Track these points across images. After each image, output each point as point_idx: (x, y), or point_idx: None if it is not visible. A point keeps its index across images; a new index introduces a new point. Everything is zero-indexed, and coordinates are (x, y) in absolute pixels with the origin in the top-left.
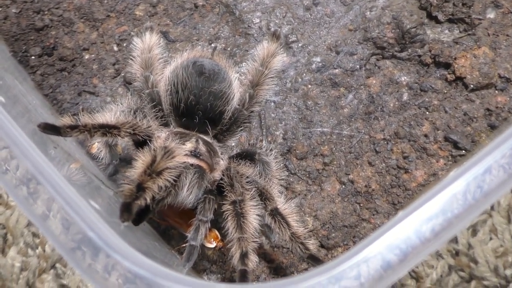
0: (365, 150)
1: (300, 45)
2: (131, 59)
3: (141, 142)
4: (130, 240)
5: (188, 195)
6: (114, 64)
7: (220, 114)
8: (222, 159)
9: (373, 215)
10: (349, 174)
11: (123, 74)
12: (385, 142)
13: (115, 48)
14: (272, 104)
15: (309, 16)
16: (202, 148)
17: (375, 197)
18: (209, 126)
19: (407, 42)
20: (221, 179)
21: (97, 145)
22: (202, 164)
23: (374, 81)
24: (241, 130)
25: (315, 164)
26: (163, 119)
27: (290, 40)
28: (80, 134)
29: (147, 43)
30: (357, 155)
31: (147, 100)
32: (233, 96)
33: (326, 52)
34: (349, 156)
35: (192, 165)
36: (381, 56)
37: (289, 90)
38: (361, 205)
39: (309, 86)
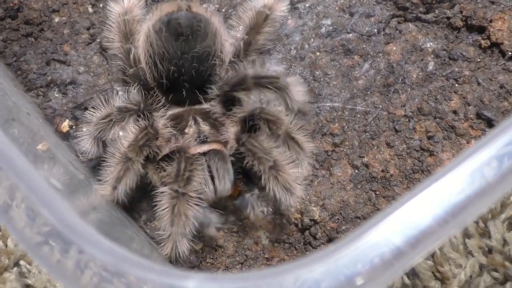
0: (382, 129)
1: (307, 5)
2: (107, 27)
3: None
4: (107, 232)
5: (222, 186)
6: (88, 29)
7: (212, 76)
8: (231, 125)
9: (391, 204)
10: (364, 157)
11: (99, 40)
12: (407, 120)
13: (90, 10)
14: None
15: None
16: (205, 127)
17: (393, 184)
18: (200, 95)
19: (434, 2)
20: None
21: (68, 123)
22: (215, 146)
23: (394, 48)
24: None
25: (323, 145)
26: (158, 99)
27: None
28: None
29: (125, 5)
30: (373, 135)
31: (133, 81)
32: (221, 51)
33: (338, 14)
34: (363, 136)
35: (203, 153)
36: (403, 19)
37: (293, 58)
38: (377, 193)
39: (318, 53)
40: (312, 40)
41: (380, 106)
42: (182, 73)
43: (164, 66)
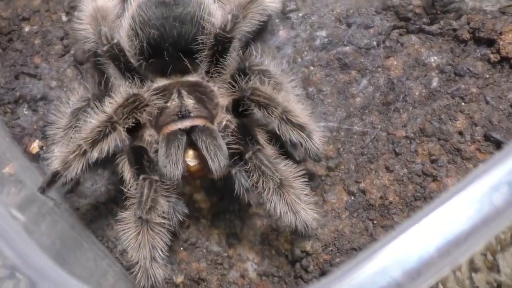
0: (381, 152)
1: (300, 14)
2: (78, 21)
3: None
4: (76, 264)
5: (216, 164)
6: (61, 39)
7: (195, 41)
8: (221, 96)
9: None
10: (360, 182)
11: (73, 52)
12: (408, 141)
13: (64, 18)
14: None
15: None
16: (188, 100)
17: (393, 212)
18: (186, 60)
19: (439, 12)
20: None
21: (38, 144)
22: (198, 121)
23: (395, 62)
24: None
25: (316, 169)
26: (135, 76)
27: (287, 8)
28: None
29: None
30: (371, 158)
31: (109, 61)
32: (207, 16)
33: (334, 24)
34: (360, 159)
35: (185, 130)
36: (405, 30)
37: (285, 72)
38: (375, 222)
39: (312, 68)
40: (305, 53)
41: (379, 126)
42: (163, 35)
43: (144, 32)
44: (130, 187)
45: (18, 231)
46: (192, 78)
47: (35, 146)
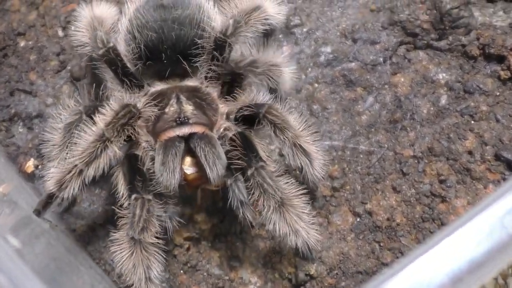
0: (388, 171)
1: (304, 30)
2: (74, 29)
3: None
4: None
5: (215, 173)
6: (58, 54)
7: (194, 45)
8: (221, 106)
9: (397, 258)
10: (366, 203)
11: (69, 68)
12: (416, 161)
13: (60, 33)
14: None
15: None
16: (187, 106)
17: (400, 234)
18: (184, 63)
19: (447, 28)
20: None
21: (33, 163)
22: (196, 128)
23: (402, 79)
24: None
25: (321, 189)
26: (132, 81)
27: (291, 23)
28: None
29: (93, 5)
30: (378, 178)
31: (105, 66)
32: (207, 19)
33: (340, 40)
34: (366, 179)
35: (184, 137)
36: (412, 46)
37: (289, 89)
38: (382, 244)
39: (316, 85)
40: (309, 69)
41: (386, 145)
42: (161, 37)
43: (142, 35)
44: (124, 201)
45: (11, 254)
46: (191, 82)
47: (30, 165)
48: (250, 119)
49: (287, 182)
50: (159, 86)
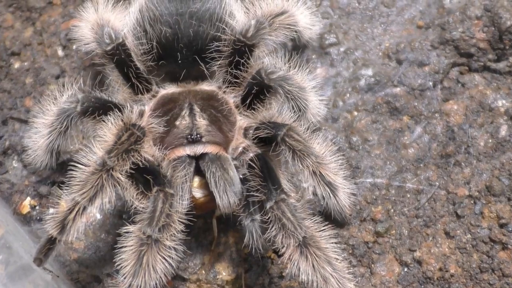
0: (440, 214)
1: (341, 49)
2: (77, 26)
3: None
4: None
5: (225, 202)
6: (57, 77)
7: (213, 43)
8: (239, 118)
9: None
10: (415, 251)
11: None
12: (472, 202)
13: (60, 53)
14: None
15: (357, 5)
16: (201, 121)
17: (455, 287)
18: (202, 64)
19: (507, 47)
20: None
21: (29, 202)
22: (210, 148)
23: (455, 107)
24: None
25: (362, 234)
26: (141, 82)
27: (326, 42)
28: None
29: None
30: (428, 221)
31: (111, 64)
32: (229, 16)
33: (382, 61)
34: (415, 223)
35: (195, 157)
36: (466, 68)
37: (323, 118)
38: None
39: (355, 113)
40: (348, 95)
41: (437, 183)
42: (177, 33)
43: (155, 29)
44: (136, 202)
45: None
46: (207, 86)
47: (25, 205)
48: (266, 141)
49: (315, 221)
50: (170, 89)
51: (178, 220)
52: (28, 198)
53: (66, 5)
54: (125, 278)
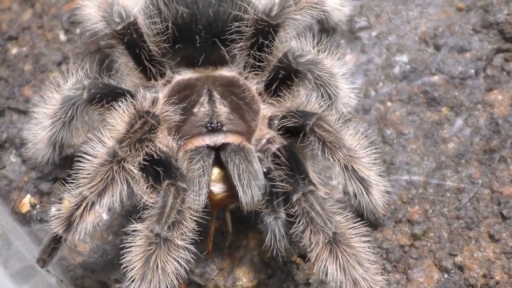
0: (483, 215)
1: (373, 34)
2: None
3: None
4: None
5: (249, 197)
6: (59, 64)
7: (234, 25)
8: (263, 107)
9: None
10: (456, 255)
11: None
12: None
13: (62, 37)
14: None
15: None
16: (221, 108)
17: None
18: (222, 48)
19: None
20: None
21: (29, 200)
22: (232, 138)
23: (500, 97)
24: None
25: (397, 237)
26: (155, 66)
27: (357, 25)
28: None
29: None
30: (470, 223)
31: (122, 46)
32: None
33: (418, 47)
34: (455, 224)
35: (214, 148)
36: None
37: (354, 109)
38: None
39: (389, 103)
40: (380, 84)
41: (480, 181)
42: (195, 14)
43: (170, 8)
44: (146, 196)
45: None
46: (227, 72)
47: (25, 203)
48: (293, 131)
49: (346, 216)
50: (186, 75)
51: (190, 218)
52: (28, 196)
53: None
54: (132, 281)
